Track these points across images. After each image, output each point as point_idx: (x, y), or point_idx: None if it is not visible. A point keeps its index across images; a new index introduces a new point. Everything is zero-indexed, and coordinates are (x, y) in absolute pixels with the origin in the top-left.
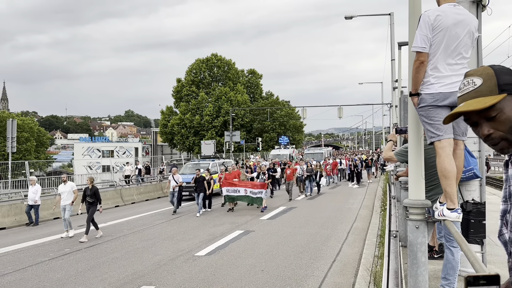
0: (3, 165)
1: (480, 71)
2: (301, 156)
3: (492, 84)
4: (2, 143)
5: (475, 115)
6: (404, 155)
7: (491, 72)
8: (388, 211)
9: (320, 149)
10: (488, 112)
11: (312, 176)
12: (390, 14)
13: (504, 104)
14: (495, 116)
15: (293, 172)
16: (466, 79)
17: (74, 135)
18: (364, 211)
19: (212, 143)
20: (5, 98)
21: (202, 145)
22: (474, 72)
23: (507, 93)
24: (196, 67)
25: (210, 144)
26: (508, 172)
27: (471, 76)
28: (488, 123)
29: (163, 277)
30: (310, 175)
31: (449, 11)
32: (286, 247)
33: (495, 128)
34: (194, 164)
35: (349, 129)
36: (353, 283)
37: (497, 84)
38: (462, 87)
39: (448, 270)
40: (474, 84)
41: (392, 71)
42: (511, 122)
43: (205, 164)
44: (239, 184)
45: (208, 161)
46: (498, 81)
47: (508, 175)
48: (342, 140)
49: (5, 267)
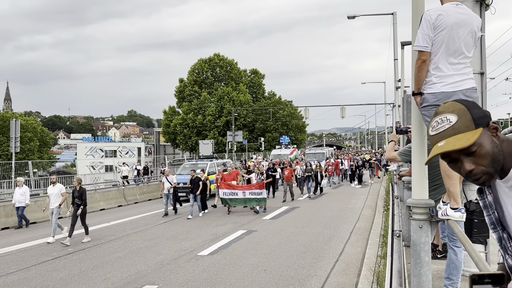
0: (7, 165)
1: (451, 108)
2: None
3: (467, 119)
4: (5, 143)
5: (455, 152)
6: (407, 155)
7: (463, 107)
8: (391, 211)
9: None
10: (469, 148)
11: (311, 177)
12: (393, 13)
13: (482, 138)
14: (475, 151)
15: (291, 172)
16: (439, 117)
17: (77, 135)
18: (367, 211)
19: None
20: (9, 98)
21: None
22: (445, 109)
23: (481, 127)
24: (198, 67)
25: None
26: (486, 199)
27: (443, 114)
28: (469, 158)
29: (166, 277)
30: (310, 176)
31: (451, 10)
32: (289, 246)
33: (476, 163)
34: (191, 165)
35: (352, 129)
36: (356, 283)
37: (472, 119)
38: (435, 125)
39: (451, 270)
40: (449, 121)
41: (395, 70)
42: (490, 155)
43: (203, 164)
44: (237, 187)
45: (206, 161)
46: (472, 116)
47: (487, 201)
48: (345, 140)
49: (8, 266)
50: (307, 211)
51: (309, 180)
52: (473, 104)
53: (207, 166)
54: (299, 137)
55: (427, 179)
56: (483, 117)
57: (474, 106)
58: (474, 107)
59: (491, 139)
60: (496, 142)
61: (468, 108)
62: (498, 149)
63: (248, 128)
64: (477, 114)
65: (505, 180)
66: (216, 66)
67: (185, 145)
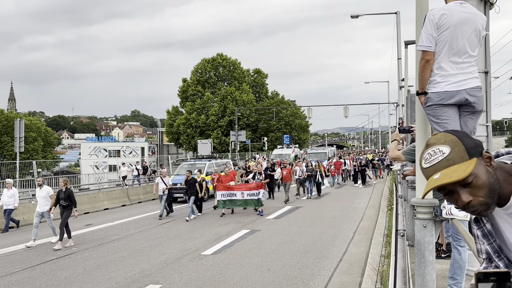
0: (11, 164)
1: (442, 139)
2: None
3: (461, 150)
4: (10, 143)
5: (451, 184)
6: (411, 154)
7: (455, 138)
8: (395, 210)
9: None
10: (465, 179)
11: (312, 177)
12: (396, 13)
13: (477, 168)
14: (471, 182)
15: (290, 172)
16: (431, 149)
17: (81, 135)
18: (371, 211)
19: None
20: (13, 98)
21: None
22: (437, 141)
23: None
24: (201, 67)
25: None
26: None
27: (435, 145)
28: (465, 190)
29: (170, 276)
30: (311, 176)
31: (455, 10)
32: (292, 246)
33: (473, 194)
34: (189, 165)
35: (355, 128)
36: (360, 282)
37: (465, 149)
38: (428, 157)
39: (455, 269)
40: (443, 153)
41: (398, 70)
42: (487, 185)
43: (201, 164)
44: (235, 188)
45: (204, 161)
46: (465, 146)
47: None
48: (348, 139)
49: (13, 265)
50: (310, 211)
51: (310, 181)
52: (464, 134)
53: (205, 166)
54: (302, 136)
55: None
56: (475, 147)
57: (465, 136)
58: (465, 137)
59: (486, 168)
60: (491, 172)
61: (460, 138)
62: (494, 178)
63: (251, 128)
64: (469, 144)
65: (506, 208)
66: (219, 66)
67: (188, 145)
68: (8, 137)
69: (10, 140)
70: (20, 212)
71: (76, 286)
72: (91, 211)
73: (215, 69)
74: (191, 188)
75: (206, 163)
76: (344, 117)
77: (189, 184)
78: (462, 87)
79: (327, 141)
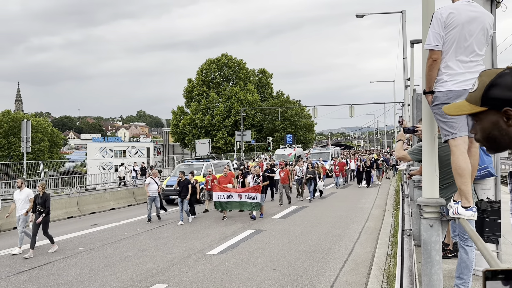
0: (18, 165)
1: (485, 75)
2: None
3: (478, 95)
4: (17, 143)
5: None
6: (418, 154)
7: (488, 81)
8: (401, 210)
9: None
10: (472, 116)
11: (313, 180)
12: (402, 12)
13: (483, 116)
14: (476, 121)
15: (287, 174)
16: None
17: (87, 136)
18: (377, 211)
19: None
20: (19, 99)
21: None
22: (484, 74)
23: (489, 108)
24: (206, 67)
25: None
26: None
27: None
28: (475, 125)
29: (176, 276)
30: (313, 178)
31: (462, 8)
32: (298, 246)
33: (475, 132)
34: (187, 165)
35: (361, 128)
36: (366, 282)
37: (481, 96)
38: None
39: (462, 269)
40: (473, 86)
41: (404, 69)
42: (484, 133)
43: (199, 165)
44: (232, 190)
45: (202, 161)
46: (485, 94)
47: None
48: (354, 139)
49: (20, 265)
50: (316, 211)
51: (311, 183)
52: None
53: (203, 167)
54: (307, 136)
55: (438, 177)
56: (494, 100)
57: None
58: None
59: (498, 120)
60: (503, 126)
61: (491, 84)
62: (502, 132)
63: (256, 128)
64: (492, 94)
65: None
66: (224, 66)
67: (194, 145)
68: (15, 138)
69: (17, 140)
70: None
71: (83, 285)
72: (97, 211)
73: (220, 69)
74: (184, 190)
75: (203, 164)
76: (350, 116)
77: (182, 186)
78: (469, 86)
79: (333, 141)
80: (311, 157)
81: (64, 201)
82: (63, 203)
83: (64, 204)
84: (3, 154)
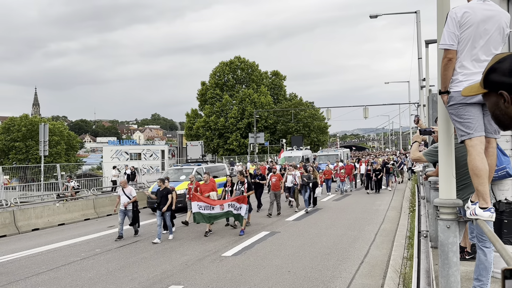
0: (36, 168)
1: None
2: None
3: (482, 77)
4: (34, 146)
5: None
6: (433, 155)
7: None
8: (417, 211)
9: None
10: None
11: (308, 186)
12: (416, 12)
13: (487, 97)
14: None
15: (280, 180)
16: None
17: (102, 139)
18: (392, 213)
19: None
20: (37, 104)
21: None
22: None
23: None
24: (219, 70)
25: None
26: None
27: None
28: None
29: (191, 277)
30: (307, 184)
31: (477, 8)
32: (313, 248)
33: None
34: (176, 170)
35: (375, 129)
36: (382, 284)
37: (483, 79)
38: None
39: (480, 271)
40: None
41: (419, 69)
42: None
43: (189, 169)
44: (214, 202)
45: (193, 166)
46: (485, 77)
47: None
48: (368, 140)
49: (39, 266)
50: (330, 213)
51: (306, 190)
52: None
53: (193, 171)
54: (321, 138)
55: (454, 178)
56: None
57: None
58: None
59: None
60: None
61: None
62: (502, 113)
63: (269, 130)
64: (491, 78)
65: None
66: (237, 68)
67: (208, 148)
68: (32, 141)
69: (35, 144)
70: (45, 214)
71: (100, 286)
72: (113, 213)
73: (233, 72)
74: (163, 201)
75: (194, 168)
76: (364, 118)
77: (162, 196)
78: None
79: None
80: (318, 159)
81: (81, 203)
82: (79, 205)
83: (81, 206)
84: (21, 158)
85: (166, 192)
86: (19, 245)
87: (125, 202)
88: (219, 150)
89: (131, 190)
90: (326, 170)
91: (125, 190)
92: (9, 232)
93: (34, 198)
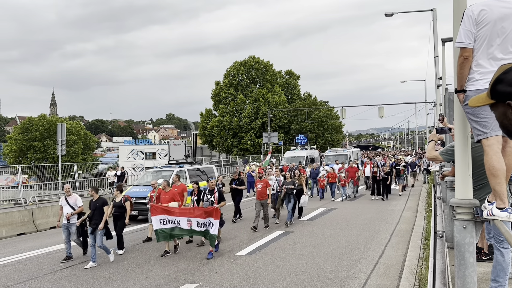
0: (53, 167)
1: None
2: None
3: (489, 88)
4: (52, 146)
5: None
6: (450, 154)
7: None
8: (433, 212)
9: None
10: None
11: (292, 195)
12: (432, 10)
13: (495, 107)
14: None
15: (267, 186)
16: None
17: (118, 138)
18: (408, 213)
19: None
20: (54, 104)
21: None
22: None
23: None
24: (234, 69)
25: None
26: None
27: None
28: None
29: (206, 275)
30: (290, 193)
31: (494, 5)
32: (327, 248)
33: None
34: (153, 172)
35: (391, 129)
36: (397, 285)
37: (489, 90)
38: None
39: (498, 272)
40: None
41: (435, 68)
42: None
43: (169, 172)
44: (179, 212)
45: (173, 167)
46: (492, 88)
47: None
48: (383, 140)
49: (57, 264)
50: (344, 213)
51: (289, 199)
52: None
53: (172, 174)
54: (335, 137)
55: (471, 178)
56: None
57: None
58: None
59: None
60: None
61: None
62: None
63: (283, 130)
64: (498, 89)
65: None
66: (251, 68)
67: (222, 147)
68: (50, 141)
69: (52, 143)
70: None
71: (116, 284)
72: None
73: (247, 72)
74: (96, 216)
75: (174, 170)
76: (379, 117)
77: (95, 209)
78: None
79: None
80: (326, 160)
81: None
82: None
83: None
84: (39, 157)
85: (100, 204)
86: (38, 242)
87: (67, 214)
88: (233, 150)
89: (76, 199)
90: (330, 173)
91: (68, 199)
92: (28, 230)
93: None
